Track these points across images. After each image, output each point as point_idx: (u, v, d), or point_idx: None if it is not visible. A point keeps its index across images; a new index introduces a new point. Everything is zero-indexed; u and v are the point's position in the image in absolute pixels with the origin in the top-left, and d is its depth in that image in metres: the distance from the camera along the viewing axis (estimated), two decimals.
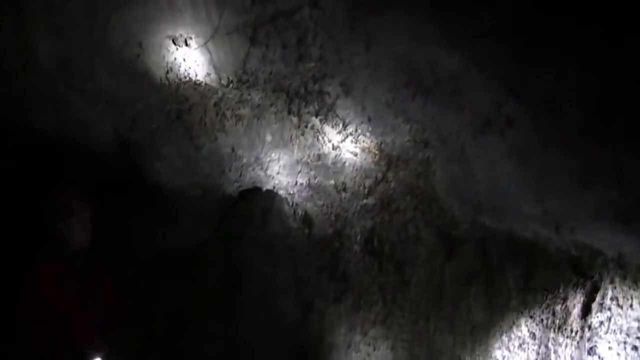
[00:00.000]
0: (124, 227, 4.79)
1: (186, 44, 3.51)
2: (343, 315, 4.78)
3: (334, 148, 4.08)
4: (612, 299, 3.44)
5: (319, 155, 4.17)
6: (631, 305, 3.35)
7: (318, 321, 4.89)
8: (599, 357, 3.51)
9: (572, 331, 3.63)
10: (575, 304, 3.62)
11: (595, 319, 3.53)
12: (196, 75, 3.71)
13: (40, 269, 3.16)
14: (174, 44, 3.52)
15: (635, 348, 3.34)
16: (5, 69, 3.64)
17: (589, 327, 3.55)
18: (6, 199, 3.98)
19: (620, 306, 3.42)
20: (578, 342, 3.61)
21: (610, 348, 3.46)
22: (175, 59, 3.62)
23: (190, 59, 3.61)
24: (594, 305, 3.53)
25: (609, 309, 3.45)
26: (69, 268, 3.28)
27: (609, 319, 3.45)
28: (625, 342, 3.38)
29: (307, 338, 4.92)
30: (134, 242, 4.83)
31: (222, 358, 4.94)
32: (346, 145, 4.01)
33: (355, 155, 4.07)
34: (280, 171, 4.43)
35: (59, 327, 3.08)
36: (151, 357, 4.86)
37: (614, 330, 3.42)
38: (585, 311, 3.57)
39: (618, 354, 3.41)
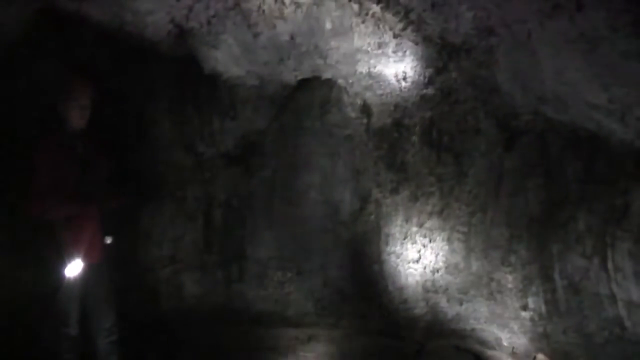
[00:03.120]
0: (181, 117, 4.91)
1: None
2: (400, 206, 4.85)
3: (394, 36, 3.98)
4: None
5: (380, 44, 4.09)
6: None
7: (375, 211, 4.98)
8: None
9: (631, 225, 3.60)
10: (636, 198, 3.55)
11: None
12: None
13: (45, 141, 3.62)
14: None
15: None
16: None
17: None
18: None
19: None
20: (637, 236, 3.58)
21: None
22: None
23: None
24: None
25: None
26: (67, 145, 3.65)
27: None
28: None
29: (364, 228, 5.04)
30: (191, 131, 4.97)
31: (281, 246, 5.13)
32: (407, 33, 3.91)
33: (417, 44, 3.97)
34: (340, 60, 4.38)
35: (54, 187, 3.52)
36: (211, 245, 5.10)
37: None
38: None
39: None
